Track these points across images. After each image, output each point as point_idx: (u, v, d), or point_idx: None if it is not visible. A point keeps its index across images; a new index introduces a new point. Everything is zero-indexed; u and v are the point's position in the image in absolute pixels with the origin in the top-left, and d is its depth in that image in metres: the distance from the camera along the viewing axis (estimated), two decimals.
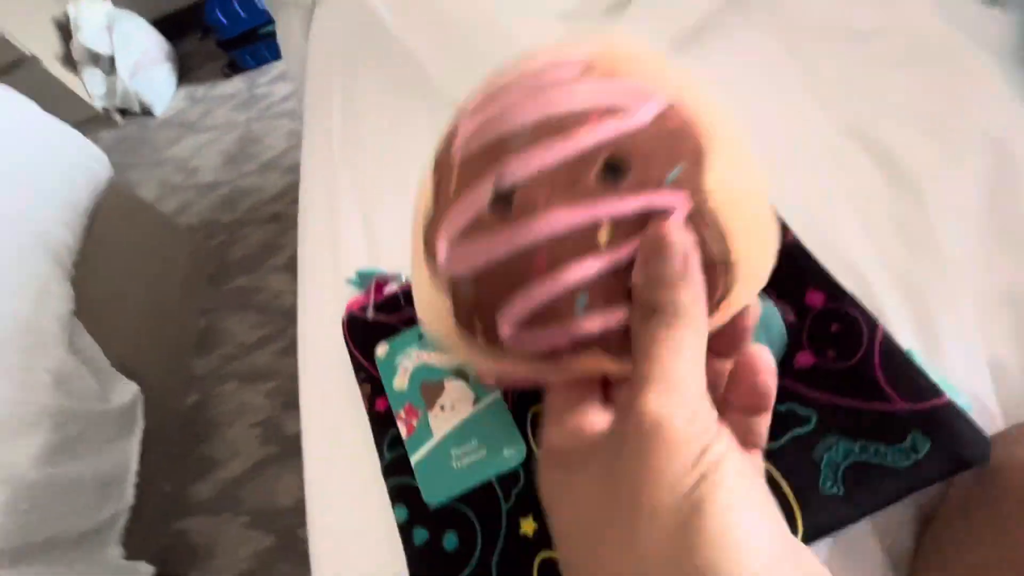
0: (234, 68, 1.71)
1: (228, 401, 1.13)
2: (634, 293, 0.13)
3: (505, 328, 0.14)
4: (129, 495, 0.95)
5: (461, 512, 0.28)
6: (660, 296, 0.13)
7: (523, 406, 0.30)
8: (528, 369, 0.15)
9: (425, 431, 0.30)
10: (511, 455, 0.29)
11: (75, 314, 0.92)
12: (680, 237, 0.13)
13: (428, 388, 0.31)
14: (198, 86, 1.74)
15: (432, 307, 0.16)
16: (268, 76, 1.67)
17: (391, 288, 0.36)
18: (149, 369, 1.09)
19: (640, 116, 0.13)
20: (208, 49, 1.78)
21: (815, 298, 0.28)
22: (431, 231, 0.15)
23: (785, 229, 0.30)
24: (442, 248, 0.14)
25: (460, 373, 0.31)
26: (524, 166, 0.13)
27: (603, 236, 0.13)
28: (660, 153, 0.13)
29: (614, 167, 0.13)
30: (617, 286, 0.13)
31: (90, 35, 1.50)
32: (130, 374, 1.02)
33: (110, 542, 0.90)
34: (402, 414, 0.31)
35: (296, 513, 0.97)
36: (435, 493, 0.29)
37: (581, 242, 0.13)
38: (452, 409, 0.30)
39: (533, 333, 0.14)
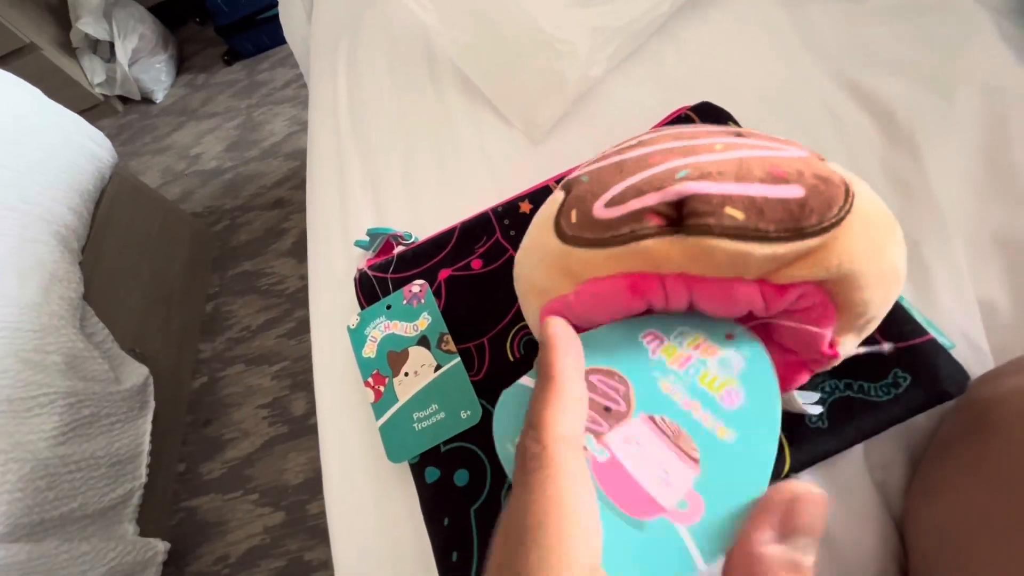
0: (234, 55, 1.71)
1: (235, 383, 1.16)
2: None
3: (598, 205, 0.21)
4: (142, 474, 0.98)
5: (471, 451, 0.29)
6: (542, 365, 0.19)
7: (528, 356, 0.31)
8: (597, 260, 0.21)
9: (391, 396, 0.31)
10: (467, 417, 0.29)
11: (84, 298, 0.94)
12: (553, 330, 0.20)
13: (394, 356, 0.32)
14: (198, 73, 1.75)
15: (539, 242, 0.23)
16: (268, 63, 1.67)
17: (399, 248, 0.36)
18: (157, 352, 1.12)
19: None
20: (207, 36, 1.78)
21: None
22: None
23: None
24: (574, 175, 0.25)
25: (424, 341, 0.32)
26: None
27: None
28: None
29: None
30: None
31: (88, 21, 1.50)
32: (139, 357, 1.05)
33: (125, 519, 0.94)
34: (371, 381, 0.32)
35: (305, 490, 1.00)
36: (398, 454, 0.30)
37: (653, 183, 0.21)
38: (416, 375, 0.31)
39: (615, 207, 0.21)
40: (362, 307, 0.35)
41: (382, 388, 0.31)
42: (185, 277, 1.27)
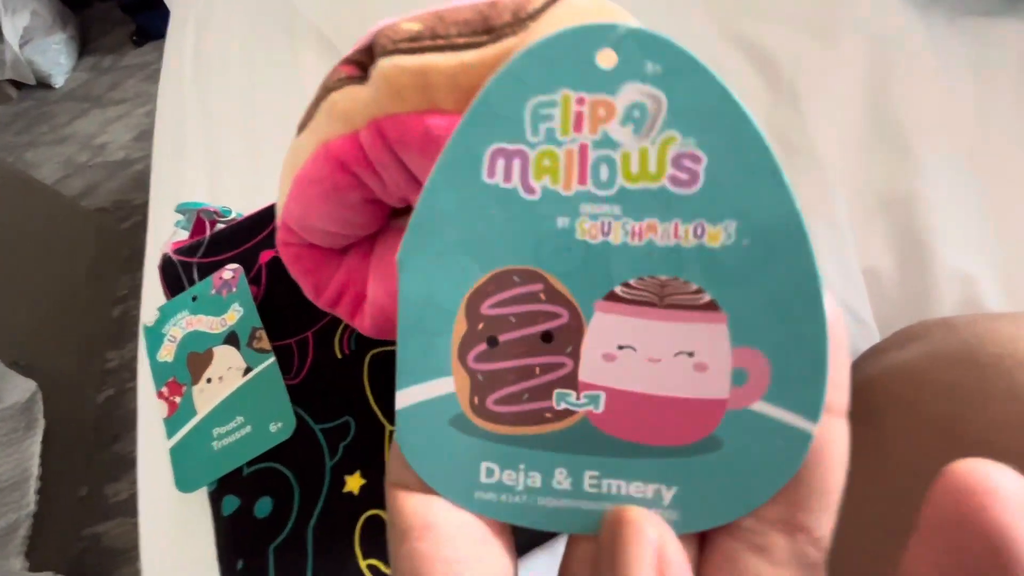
0: (143, 35, 1.56)
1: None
2: None
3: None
4: (31, 501, 0.88)
5: (278, 473, 0.24)
6: None
7: (361, 352, 0.26)
8: (305, 141, 0.17)
9: (188, 409, 0.25)
10: (278, 430, 0.24)
11: None
12: None
13: (195, 359, 0.26)
14: (104, 55, 1.59)
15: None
16: None
17: (219, 226, 0.30)
18: (53, 364, 1.01)
19: None
20: (113, 15, 1.62)
21: None
22: None
23: None
24: None
25: (232, 339, 0.26)
26: None
27: None
28: None
29: None
30: None
31: None
32: (30, 371, 0.94)
33: (11, 553, 0.84)
34: (164, 391, 0.26)
35: None
36: (190, 480, 0.24)
37: None
38: (220, 381, 0.25)
39: None
40: (167, 300, 0.28)
41: (178, 399, 0.25)
42: (89, 279, 1.15)
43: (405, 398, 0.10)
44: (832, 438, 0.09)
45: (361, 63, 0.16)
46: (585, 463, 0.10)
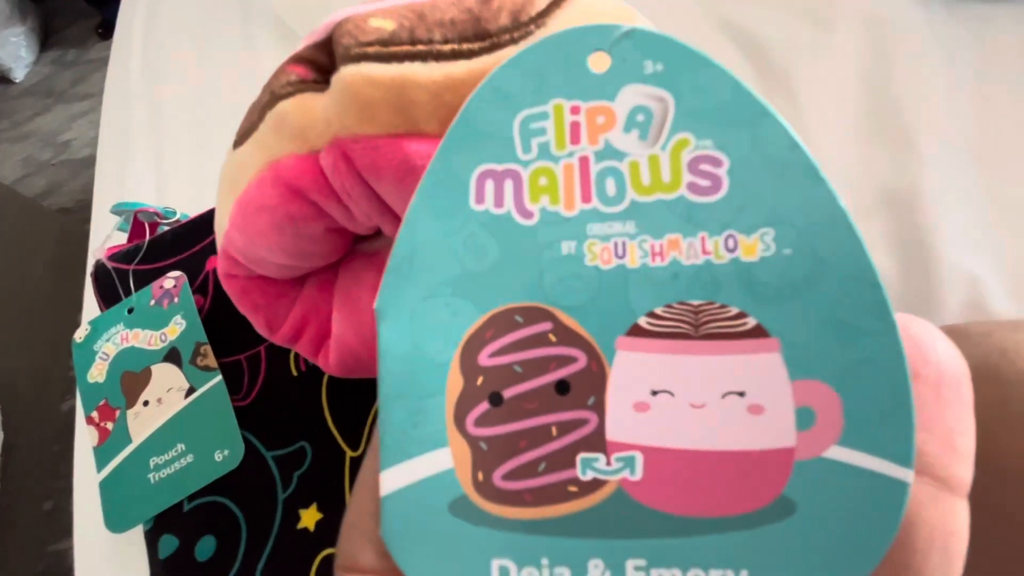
0: (109, 27, 1.50)
1: None
2: None
3: None
4: None
5: (223, 508, 0.22)
6: None
7: (319, 369, 0.23)
8: (248, 157, 0.14)
9: (122, 436, 0.22)
10: (224, 459, 0.21)
11: None
12: None
13: (130, 379, 0.23)
14: (67, 49, 1.52)
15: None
16: None
17: (161, 229, 0.27)
18: (12, 372, 0.96)
19: None
20: (77, 7, 1.55)
21: None
22: None
23: None
24: None
25: (173, 356, 0.23)
26: None
27: None
28: None
29: None
30: None
31: None
32: None
33: None
34: (95, 416, 0.23)
35: None
36: (122, 519, 0.21)
37: None
38: (159, 404, 0.22)
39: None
40: (102, 311, 0.25)
41: (110, 425, 0.22)
42: (50, 283, 1.10)
43: (392, 480, 0.08)
44: (956, 526, 0.06)
45: (316, 63, 0.13)
46: (626, 550, 0.08)
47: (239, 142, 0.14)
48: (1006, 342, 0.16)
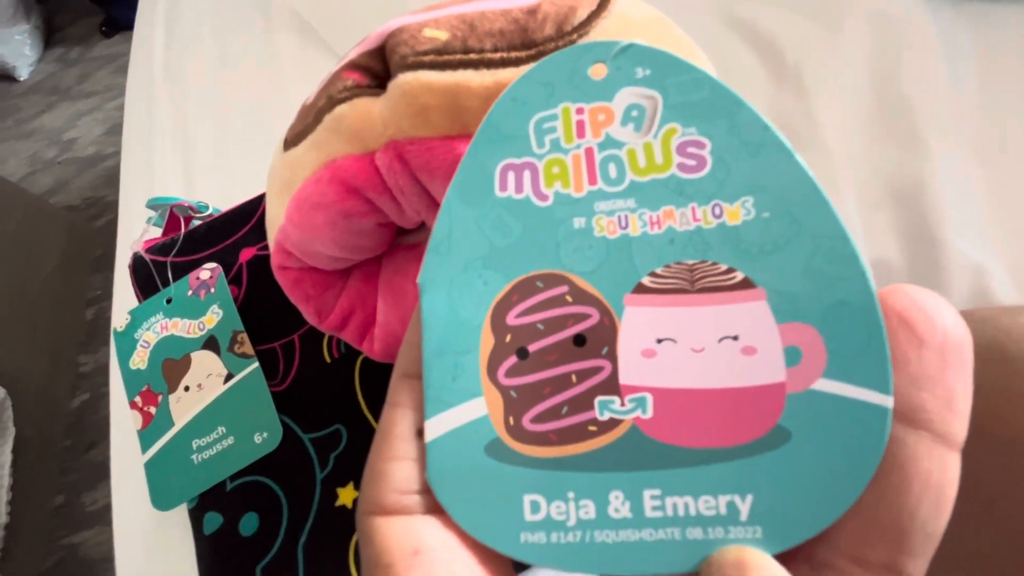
0: (113, 25, 1.50)
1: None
2: None
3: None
4: (2, 512, 0.84)
5: (265, 487, 0.23)
6: None
7: (351, 355, 0.24)
8: (304, 156, 0.15)
9: (164, 420, 0.23)
10: (263, 441, 0.22)
11: None
12: None
13: (171, 366, 0.24)
14: (72, 47, 1.52)
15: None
16: None
17: (195, 222, 0.28)
18: (22, 369, 0.97)
19: None
20: (81, 4, 1.55)
21: None
22: None
23: None
24: None
25: (211, 343, 0.24)
26: None
27: None
28: None
29: None
30: None
31: None
32: None
33: None
34: (138, 401, 0.24)
35: None
36: (168, 498, 0.22)
37: None
38: (199, 389, 0.23)
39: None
40: (140, 302, 0.26)
41: (153, 409, 0.23)
42: (58, 280, 1.10)
43: (434, 428, 0.09)
44: (948, 477, 0.07)
45: (372, 71, 0.14)
46: (643, 480, 0.09)
47: (292, 143, 0.15)
48: (1011, 325, 0.17)
